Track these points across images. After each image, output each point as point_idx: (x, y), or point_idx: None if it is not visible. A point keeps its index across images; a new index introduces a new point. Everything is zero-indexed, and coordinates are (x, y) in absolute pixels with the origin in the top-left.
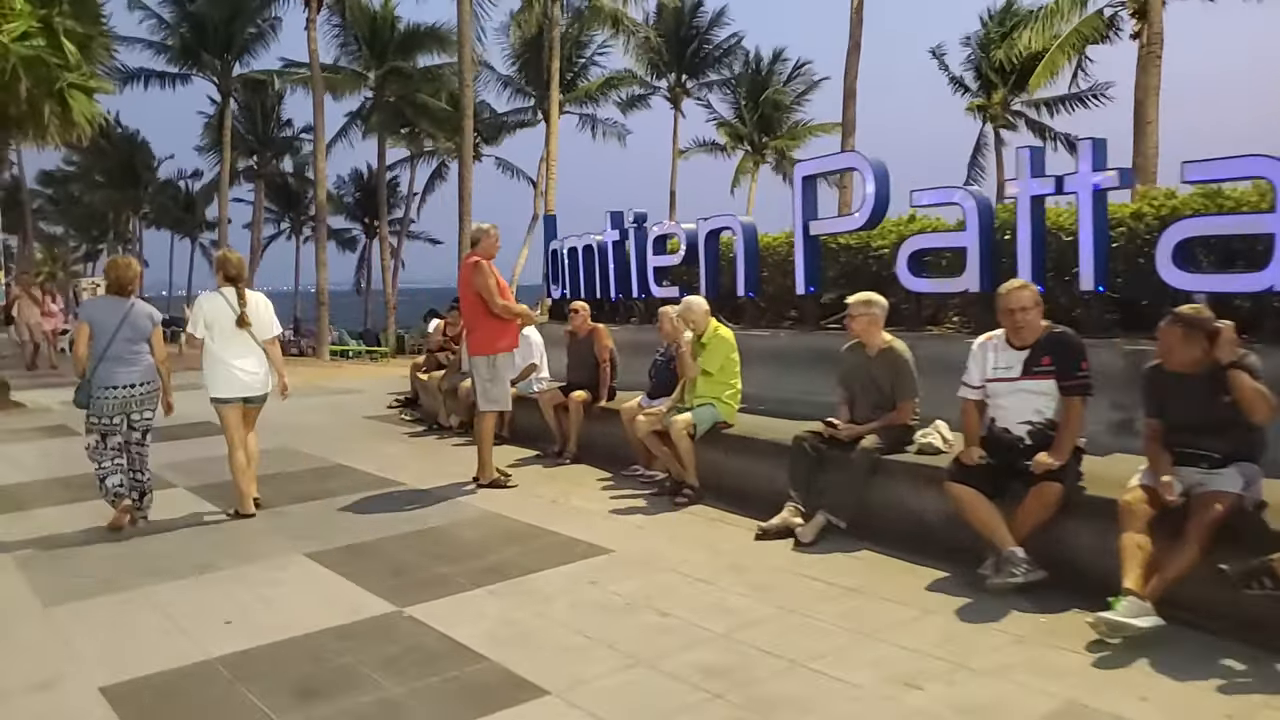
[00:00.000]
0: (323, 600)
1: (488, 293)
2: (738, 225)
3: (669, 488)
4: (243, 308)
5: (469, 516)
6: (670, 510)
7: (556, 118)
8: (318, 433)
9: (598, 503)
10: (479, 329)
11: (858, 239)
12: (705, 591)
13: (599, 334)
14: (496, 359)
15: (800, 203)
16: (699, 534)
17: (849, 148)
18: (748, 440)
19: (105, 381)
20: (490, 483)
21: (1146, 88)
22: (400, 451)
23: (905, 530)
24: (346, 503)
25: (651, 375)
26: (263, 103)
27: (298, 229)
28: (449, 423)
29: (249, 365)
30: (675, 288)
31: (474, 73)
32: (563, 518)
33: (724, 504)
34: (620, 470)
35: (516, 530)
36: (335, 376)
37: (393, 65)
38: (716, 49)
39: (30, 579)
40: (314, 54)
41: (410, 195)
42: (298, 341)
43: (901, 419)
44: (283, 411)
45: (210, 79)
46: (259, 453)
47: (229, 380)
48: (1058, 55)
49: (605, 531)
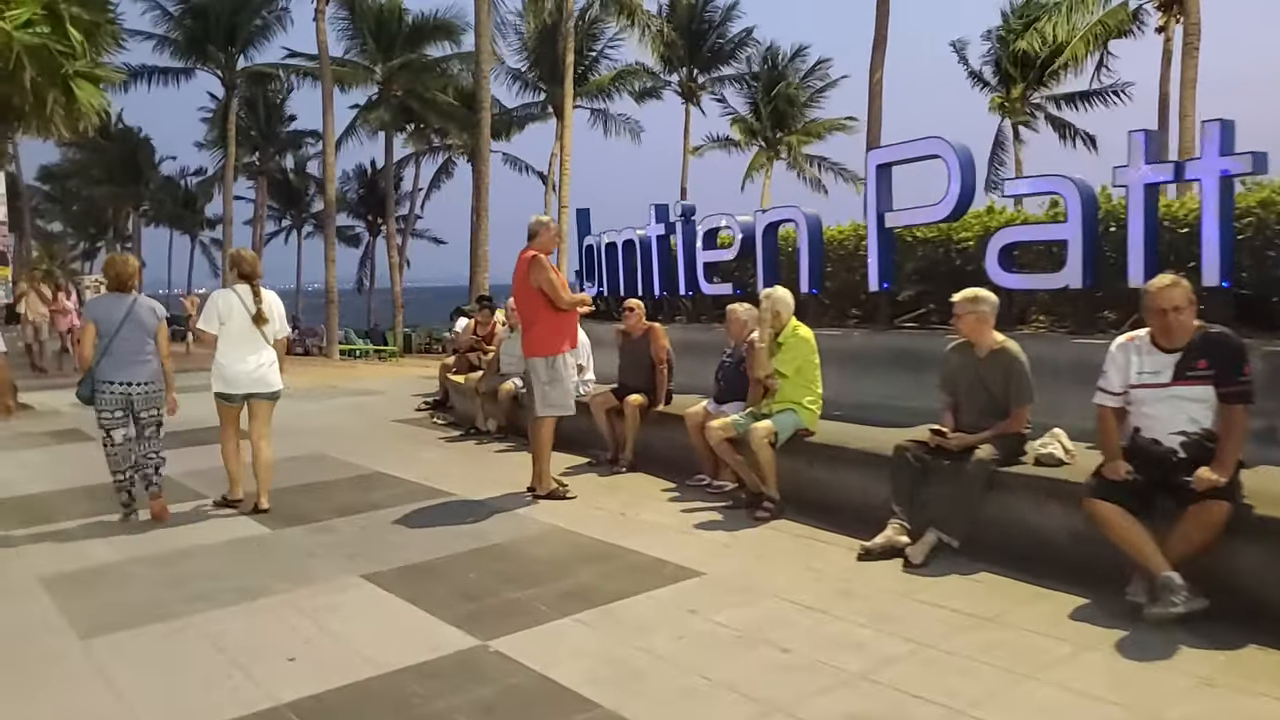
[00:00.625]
0: (394, 631)
1: (551, 288)
2: (801, 217)
3: (745, 500)
4: (259, 305)
5: (533, 532)
6: (751, 525)
7: (571, 109)
8: (347, 437)
9: (669, 516)
10: (537, 328)
11: (936, 232)
12: (821, 621)
13: (655, 334)
14: (557, 360)
15: (874, 193)
16: (792, 553)
17: (875, 143)
18: (835, 449)
19: (107, 376)
20: (548, 494)
21: (1185, 81)
22: (440, 458)
23: (1025, 550)
24: (395, 515)
25: (718, 378)
26: (265, 98)
27: (299, 226)
28: (487, 427)
29: (259, 361)
30: (727, 284)
31: (491, 64)
32: (636, 533)
33: (809, 519)
34: (684, 480)
35: (589, 548)
36: (351, 377)
37: (401, 58)
38: (729, 43)
39: (61, 605)
40: (323, 45)
41: (415, 192)
42: (302, 340)
43: (1016, 427)
44: (307, 414)
45: (214, 73)
46: (273, 459)
47: (235, 377)
48: (1080, 46)
49: (688, 550)
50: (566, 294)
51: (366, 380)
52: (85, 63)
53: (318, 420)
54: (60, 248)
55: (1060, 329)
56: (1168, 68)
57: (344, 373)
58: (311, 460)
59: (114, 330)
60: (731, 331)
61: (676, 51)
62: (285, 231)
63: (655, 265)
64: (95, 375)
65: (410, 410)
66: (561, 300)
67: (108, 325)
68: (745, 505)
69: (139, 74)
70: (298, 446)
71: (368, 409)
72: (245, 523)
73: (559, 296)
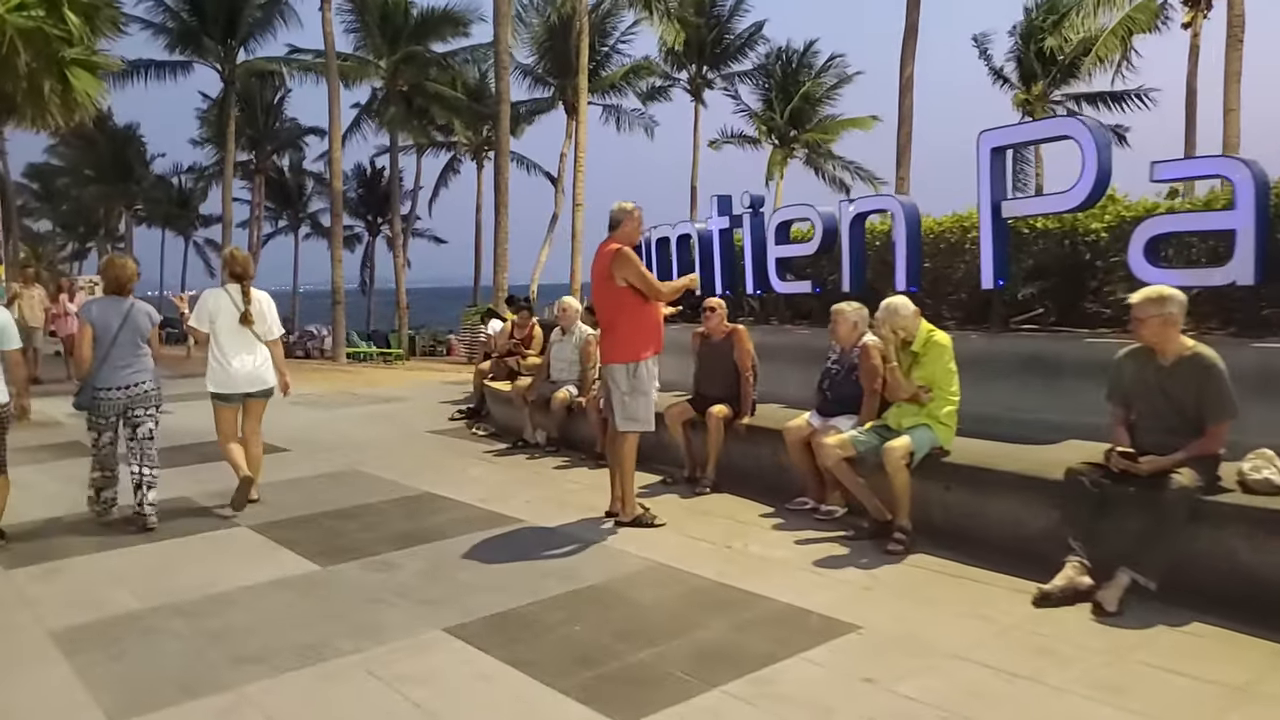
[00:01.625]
0: (505, 711)
1: (643, 281)
2: (898, 207)
3: (869, 530)
4: (247, 305)
5: (631, 568)
6: (886, 561)
7: (585, 104)
8: (381, 451)
9: (784, 549)
10: (619, 330)
11: (1060, 222)
12: (1036, 694)
13: (740, 337)
14: (639, 367)
15: (988, 179)
16: (951, 598)
17: (905, 139)
18: (980, 472)
19: (106, 383)
20: (633, 520)
21: (1229, 74)
22: (491, 476)
23: (1237, 594)
24: (461, 547)
25: (824, 388)
26: (262, 95)
27: (296, 227)
28: (536, 439)
29: (251, 361)
30: (804, 282)
31: (510, 52)
32: (754, 572)
33: (950, 553)
34: (783, 503)
35: (706, 591)
36: (366, 382)
37: (407, 51)
38: (738, 39)
39: (83, 673)
40: (329, 36)
41: (416, 190)
42: (303, 343)
43: (1213, 447)
44: (330, 425)
45: (213, 66)
46: (262, 456)
47: (230, 377)
48: (1111, 41)
49: (825, 594)
50: (660, 283)
51: (385, 386)
52: (83, 49)
53: (343, 431)
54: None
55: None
56: (1195, 63)
57: (356, 378)
58: (347, 478)
59: (112, 336)
60: (839, 334)
61: (688, 45)
62: (281, 232)
63: (717, 262)
64: (93, 383)
65: (443, 419)
66: (660, 291)
67: (105, 330)
68: (869, 536)
69: (134, 68)
70: (328, 462)
71: (395, 418)
72: (288, 558)
73: (655, 288)
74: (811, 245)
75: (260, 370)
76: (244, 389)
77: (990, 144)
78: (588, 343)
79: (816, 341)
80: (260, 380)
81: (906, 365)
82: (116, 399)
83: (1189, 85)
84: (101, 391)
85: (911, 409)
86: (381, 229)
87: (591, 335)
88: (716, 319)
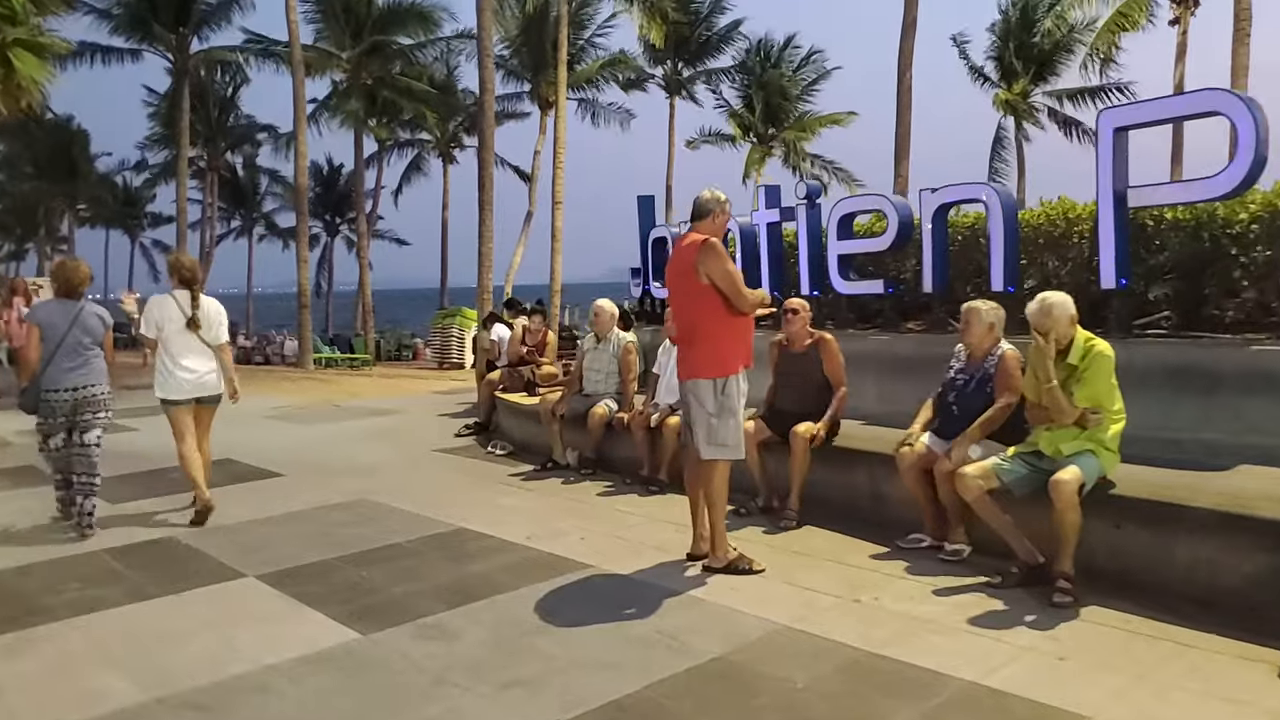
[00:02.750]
0: None
1: (730, 283)
2: (993, 196)
3: (1018, 576)
4: (195, 310)
5: (752, 634)
6: (1058, 617)
7: (564, 98)
8: (391, 475)
9: (925, 603)
10: (704, 338)
11: (1195, 214)
12: None
13: (829, 347)
14: (729, 383)
15: (1110, 164)
16: (1170, 670)
17: (904, 131)
18: (1162, 507)
19: (53, 384)
20: (727, 566)
21: (1235, 68)
22: (528, 505)
23: None
24: (526, 604)
25: (949, 402)
26: (215, 88)
27: (250, 228)
28: (567, 460)
29: (199, 366)
30: (876, 281)
31: (493, 39)
32: (906, 636)
33: (1127, 604)
34: (891, 540)
35: (864, 666)
36: (348, 392)
37: (372, 42)
38: (716, 35)
39: None
40: (293, 24)
41: (378, 190)
42: (262, 349)
43: None
44: (322, 444)
45: (163, 55)
46: (209, 460)
47: (179, 382)
48: (1105, 35)
49: (1013, 667)
50: (749, 291)
51: (370, 397)
52: (28, 29)
53: (340, 451)
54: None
55: None
56: (1182, 61)
57: (334, 387)
58: (359, 510)
59: (60, 337)
60: (971, 338)
61: (665, 41)
62: (234, 233)
63: (764, 259)
64: (40, 384)
65: (448, 436)
66: (745, 300)
67: (53, 331)
68: (1019, 583)
69: (77, 53)
70: (333, 489)
71: (394, 435)
72: (316, 622)
73: (741, 293)
74: (883, 240)
75: (208, 377)
76: (192, 395)
77: (1113, 123)
78: (626, 351)
79: (899, 348)
80: (208, 387)
81: (1062, 380)
82: (64, 400)
83: (1178, 83)
84: (48, 393)
85: (1070, 432)
86: (340, 229)
87: (631, 342)
88: (799, 323)
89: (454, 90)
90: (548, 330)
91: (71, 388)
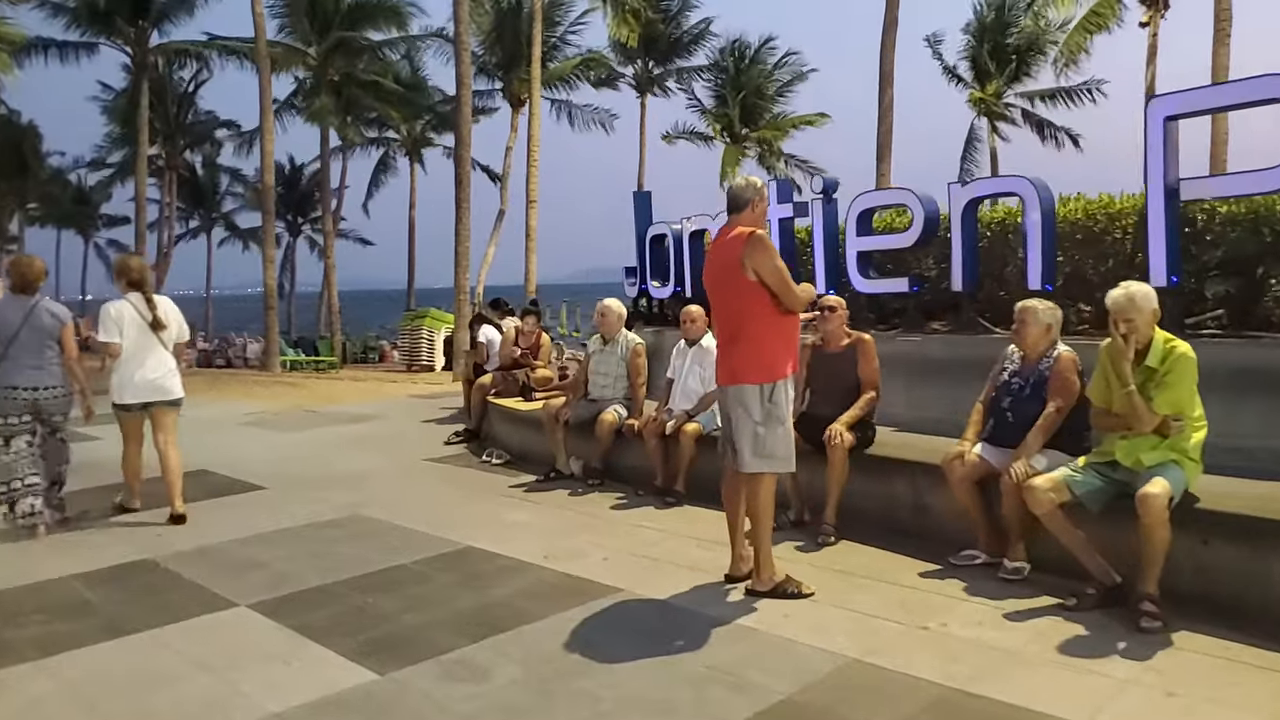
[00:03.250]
0: None
1: (779, 279)
2: (1030, 191)
3: (1095, 598)
4: (154, 311)
5: (820, 669)
6: (1151, 644)
7: (539, 94)
8: (383, 487)
9: (997, 629)
10: (751, 341)
11: (1248, 207)
12: None
13: (866, 349)
14: (776, 388)
15: (1161, 156)
16: None
17: (886, 130)
18: (1259, 523)
19: (10, 380)
20: (773, 589)
21: (1216, 68)
22: (538, 520)
23: None
24: (557, 635)
25: (1003, 407)
26: (174, 84)
27: (209, 227)
28: (571, 470)
29: (158, 369)
30: (900, 279)
31: (469, 33)
32: (991, 670)
33: (1220, 629)
34: (942, 557)
35: (957, 708)
36: (322, 397)
37: (339, 37)
38: (686, 34)
39: None
40: (259, 17)
41: (342, 189)
42: (222, 351)
43: None
44: (302, 453)
45: (122, 49)
46: (180, 463)
47: (133, 387)
48: (1077, 36)
49: (1121, 704)
50: (799, 290)
51: (346, 402)
52: None
53: (323, 461)
54: None
55: None
56: (1153, 63)
57: (306, 391)
58: (354, 527)
59: (12, 334)
60: (1028, 340)
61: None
62: (192, 234)
63: None
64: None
65: (437, 444)
66: (795, 297)
67: (5, 328)
68: (1095, 605)
69: (31, 47)
70: (322, 503)
71: (379, 443)
72: (325, 660)
73: (791, 291)
74: (908, 236)
75: (165, 380)
76: (147, 399)
77: (1163, 112)
78: (635, 354)
79: (930, 350)
80: (164, 390)
81: (1139, 384)
82: (24, 398)
83: (1148, 86)
84: (6, 390)
85: (1150, 440)
86: (303, 229)
87: (639, 344)
88: (836, 322)
89: (423, 87)
90: (542, 331)
91: (31, 386)
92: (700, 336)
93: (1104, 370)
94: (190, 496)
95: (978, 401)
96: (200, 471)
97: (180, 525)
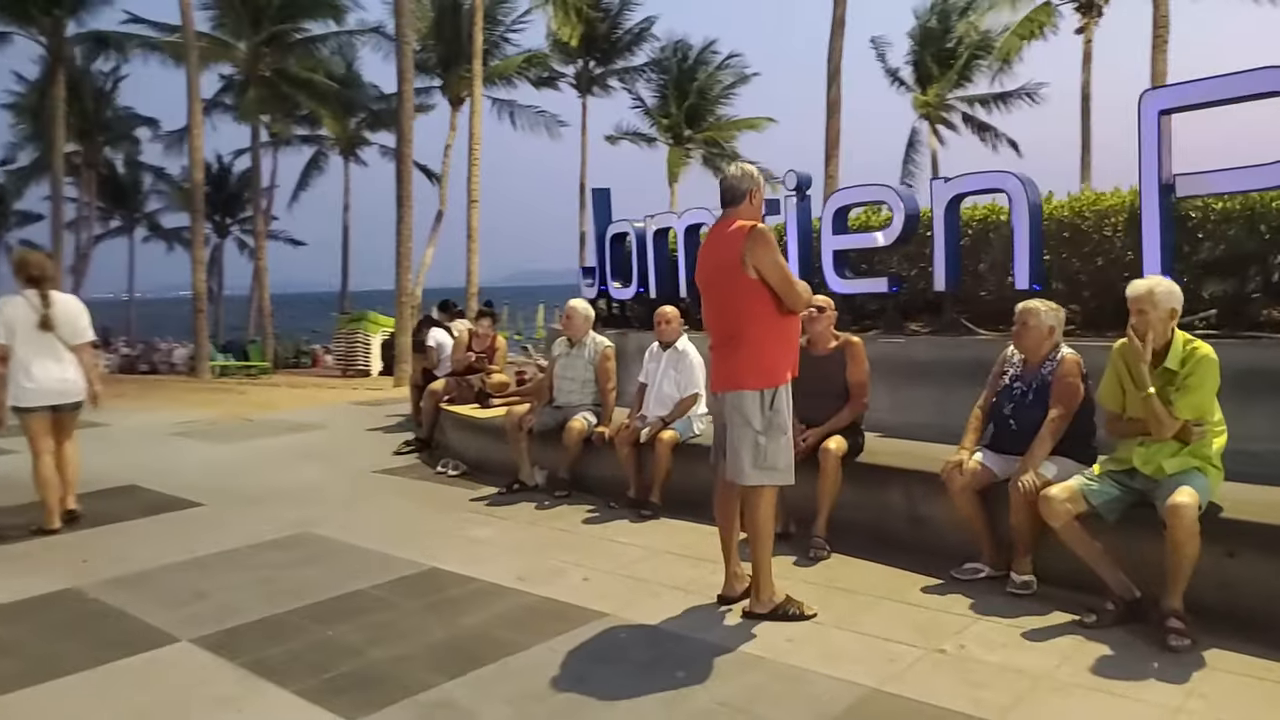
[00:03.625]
0: None
1: (782, 276)
2: (1017, 187)
3: (1115, 614)
4: (46, 309)
5: (839, 702)
6: (1184, 663)
7: (480, 91)
8: (333, 503)
9: (1018, 651)
10: (750, 343)
11: (1244, 203)
12: None
13: (855, 351)
14: (777, 394)
15: (1154, 152)
16: None
17: (834, 130)
18: None
19: None
20: (773, 611)
21: (1155, 74)
22: (504, 537)
23: None
24: (545, 668)
25: (1007, 413)
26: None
27: (131, 228)
28: (535, 481)
29: (56, 372)
30: (877, 279)
31: (414, 25)
32: (1026, 698)
33: (1250, 645)
34: (943, 570)
35: None
36: (259, 405)
37: (271, 31)
38: (626, 34)
39: None
40: (186, 8)
41: (272, 188)
42: (148, 356)
43: None
44: (245, 465)
45: (36, 39)
46: (79, 464)
47: (35, 389)
48: (1012, 40)
49: None
50: (802, 288)
51: (285, 410)
52: None
53: (265, 474)
54: None
55: None
56: (1088, 68)
57: (242, 398)
58: (305, 547)
59: None
60: (1028, 343)
61: (576, 39)
62: (113, 234)
63: None
64: None
65: (385, 454)
66: (798, 296)
67: None
68: (1115, 621)
69: None
70: (267, 522)
71: (323, 453)
72: (287, 706)
73: (795, 289)
74: (888, 234)
75: (67, 382)
76: (49, 402)
77: (1157, 106)
78: (605, 357)
79: (915, 352)
80: (67, 393)
81: (1158, 387)
82: None
83: (1083, 91)
84: None
85: (1170, 446)
86: (231, 230)
87: (609, 348)
88: (825, 323)
89: (358, 84)
90: (497, 335)
91: None
92: (675, 339)
93: (1117, 373)
94: (118, 515)
95: (976, 406)
96: (129, 487)
97: (75, 523)
